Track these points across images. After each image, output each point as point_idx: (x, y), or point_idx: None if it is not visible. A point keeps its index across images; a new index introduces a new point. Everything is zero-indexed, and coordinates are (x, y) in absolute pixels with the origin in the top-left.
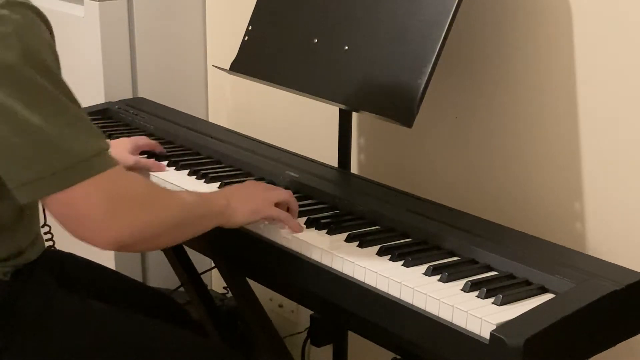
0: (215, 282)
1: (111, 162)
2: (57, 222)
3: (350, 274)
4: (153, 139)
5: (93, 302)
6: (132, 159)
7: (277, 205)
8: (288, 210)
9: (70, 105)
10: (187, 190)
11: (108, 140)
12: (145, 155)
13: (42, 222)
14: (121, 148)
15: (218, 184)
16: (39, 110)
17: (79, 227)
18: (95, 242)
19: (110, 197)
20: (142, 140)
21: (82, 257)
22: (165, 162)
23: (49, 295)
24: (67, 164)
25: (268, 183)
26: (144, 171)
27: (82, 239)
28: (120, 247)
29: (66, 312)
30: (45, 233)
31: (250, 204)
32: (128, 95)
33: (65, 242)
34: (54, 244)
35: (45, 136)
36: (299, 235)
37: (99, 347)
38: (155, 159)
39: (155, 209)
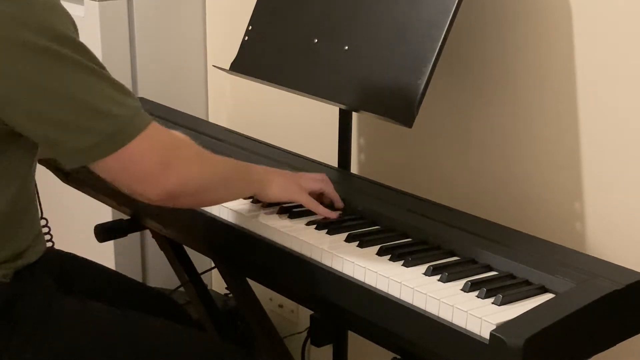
0: (215, 282)
1: (149, 118)
2: (110, 181)
3: (350, 274)
4: None
5: (92, 303)
6: None
7: (310, 193)
8: (323, 196)
9: (100, 70)
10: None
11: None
12: None
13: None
14: None
15: None
16: (73, 81)
17: (135, 182)
18: (149, 194)
19: (163, 150)
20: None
21: (82, 257)
22: None
23: (48, 297)
24: (116, 127)
25: None
26: None
27: (137, 192)
28: (170, 198)
29: (66, 313)
30: (45, 233)
31: (284, 182)
32: None
33: (65, 242)
34: (53, 245)
35: (89, 105)
36: (299, 235)
37: (99, 348)
38: None
39: (205, 162)
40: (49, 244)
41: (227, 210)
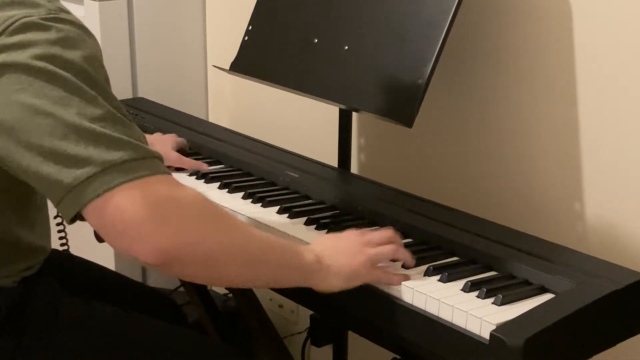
0: None
1: (159, 169)
2: (99, 233)
3: None
4: None
5: (97, 304)
6: (174, 155)
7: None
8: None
9: (108, 106)
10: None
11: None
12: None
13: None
14: (162, 142)
15: (218, 184)
16: (71, 110)
17: (121, 238)
18: (137, 251)
19: (155, 200)
20: (180, 139)
21: (81, 258)
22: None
23: (54, 300)
24: (98, 170)
25: (269, 182)
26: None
27: (124, 249)
28: (168, 261)
29: (71, 315)
30: (61, 238)
31: (347, 266)
32: (128, 95)
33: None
34: (68, 248)
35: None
36: (299, 235)
37: (104, 349)
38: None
39: (213, 222)
40: (64, 247)
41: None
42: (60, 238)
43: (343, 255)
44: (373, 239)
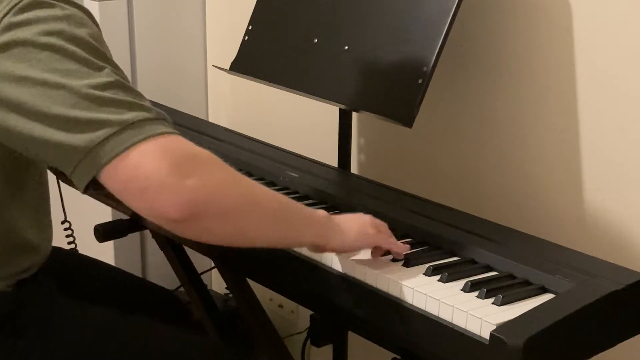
0: (215, 282)
1: (172, 129)
2: (120, 198)
3: (351, 274)
4: None
5: (94, 307)
6: None
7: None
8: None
9: (116, 75)
10: None
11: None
12: None
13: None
14: None
15: None
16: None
17: (143, 195)
18: (160, 208)
19: (176, 155)
20: None
21: (83, 255)
22: None
23: (51, 303)
24: (113, 130)
25: (269, 183)
26: None
27: (147, 207)
28: (193, 215)
29: (68, 319)
30: (68, 235)
31: (357, 225)
32: None
33: (65, 242)
34: (76, 246)
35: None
36: None
37: (100, 352)
38: None
39: (234, 178)
40: (71, 246)
41: None
42: (67, 236)
43: (350, 218)
44: (377, 222)
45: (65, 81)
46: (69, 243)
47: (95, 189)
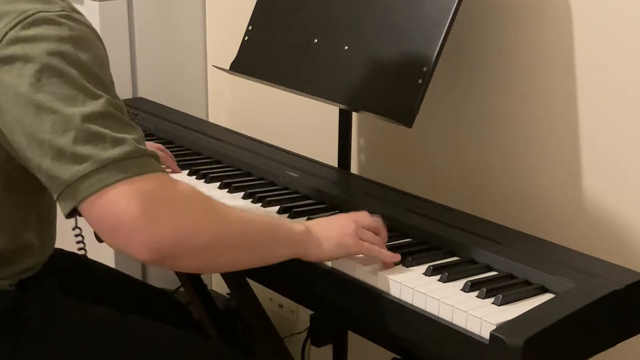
0: (215, 282)
1: (155, 167)
2: (97, 232)
3: (351, 274)
4: (153, 139)
5: (95, 307)
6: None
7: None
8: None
9: (110, 106)
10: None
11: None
12: None
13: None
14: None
15: (218, 183)
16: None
17: (115, 234)
18: (132, 249)
19: (148, 197)
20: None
21: (84, 256)
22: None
23: (53, 302)
24: (95, 167)
25: (269, 182)
26: None
27: (118, 245)
28: (161, 257)
29: (69, 318)
30: (78, 242)
31: (336, 235)
32: (128, 95)
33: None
34: (85, 252)
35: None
36: None
37: (101, 353)
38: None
39: (206, 215)
40: (81, 252)
41: None
42: (78, 242)
43: (330, 227)
44: (360, 219)
45: (58, 107)
46: (79, 249)
47: (81, 215)
